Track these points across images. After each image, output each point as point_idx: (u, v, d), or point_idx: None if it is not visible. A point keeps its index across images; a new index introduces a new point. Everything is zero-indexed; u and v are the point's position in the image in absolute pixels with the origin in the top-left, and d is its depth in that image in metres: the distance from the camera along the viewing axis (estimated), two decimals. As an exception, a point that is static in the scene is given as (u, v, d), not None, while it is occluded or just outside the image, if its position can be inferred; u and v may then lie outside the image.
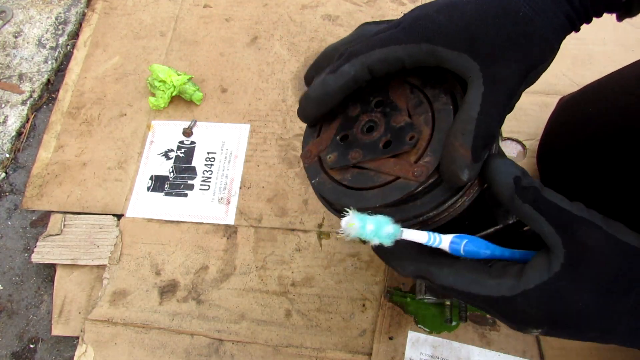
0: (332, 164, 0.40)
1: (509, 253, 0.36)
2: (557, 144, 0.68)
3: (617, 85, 0.59)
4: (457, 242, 0.35)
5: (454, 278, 0.34)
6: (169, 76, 0.91)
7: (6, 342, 0.81)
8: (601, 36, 0.89)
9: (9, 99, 1.00)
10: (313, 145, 0.42)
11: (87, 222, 0.87)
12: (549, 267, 0.31)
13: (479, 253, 0.35)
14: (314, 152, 0.42)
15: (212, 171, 0.88)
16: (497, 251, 0.35)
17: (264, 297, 0.77)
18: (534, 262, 0.33)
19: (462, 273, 0.34)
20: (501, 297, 0.32)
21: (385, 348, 0.71)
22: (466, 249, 0.35)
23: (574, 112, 0.65)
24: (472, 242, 0.35)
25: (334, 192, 0.40)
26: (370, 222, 0.33)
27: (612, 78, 0.62)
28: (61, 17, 1.08)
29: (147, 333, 0.77)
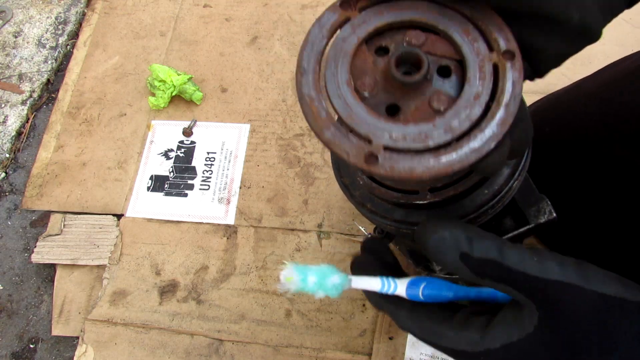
0: None
1: (474, 293, 0.32)
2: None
3: (571, 103, 0.60)
4: (415, 287, 0.31)
5: (412, 324, 0.31)
6: (169, 76, 0.91)
7: (6, 342, 0.82)
8: (601, 36, 0.89)
9: (9, 99, 1.00)
10: None
11: (87, 222, 0.87)
12: (521, 326, 0.28)
13: (440, 296, 0.31)
14: None
15: (212, 171, 0.88)
16: (461, 292, 0.32)
17: (264, 297, 0.77)
18: (502, 316, 0.29)
19: (421, 319, 0.31)
20: (462, 352, 0.29)
21: (385, 348, 0.71)
22: (425, 294, 0.31)
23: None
24: (432, 285, 0.31)
25: None
26: (312, 274, 0.30)
27: (566, 94, 0.62)
28: (61, 17, 1.08)
29: (147, 333, 0.77)
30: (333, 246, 0.79)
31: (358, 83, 0.30)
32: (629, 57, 0.56)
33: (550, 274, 0.27)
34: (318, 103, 0.30)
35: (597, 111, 0.54)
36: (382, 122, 0.29)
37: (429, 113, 0.29)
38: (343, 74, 0.30)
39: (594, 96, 0.56)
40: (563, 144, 0.58)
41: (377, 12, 0.31)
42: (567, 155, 0.57)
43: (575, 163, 0.56)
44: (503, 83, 0.29)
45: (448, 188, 0.38)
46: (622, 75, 0.53)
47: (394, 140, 0.28)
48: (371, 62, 0.31)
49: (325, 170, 0.84)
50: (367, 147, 0.29)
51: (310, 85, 0.30)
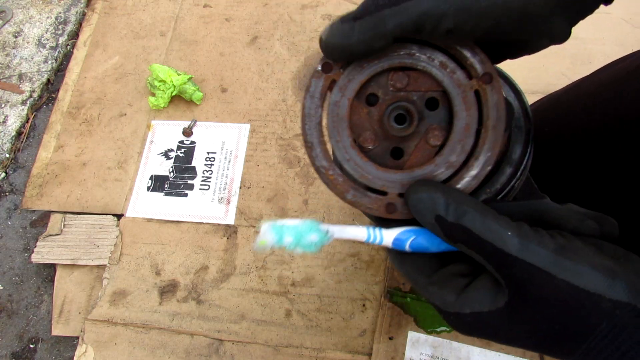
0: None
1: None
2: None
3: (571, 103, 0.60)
4: (402, 239, 0.31)
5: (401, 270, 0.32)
6: (169, 76, 0.91)
7: (6, 342, 0.81)
8: (600, 36, 0.89)
9: (9, 99, 1.00)
10: None
11: (87, 222, 0.87)
12: (493, 299, 0.28)
13: (428, 248, 0.31)
14: None
15: (212, 171, 0.88)
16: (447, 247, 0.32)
17: (264, 297, 0.77)
18: (480, 283, 0.29)
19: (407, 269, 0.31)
20: (436, 306, 0.30)
21: (385, 348, 0.71)
22: (413, 245, 0.31)
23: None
24: (423, 237, 0.31)
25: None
26: (289, 233, 0.30)
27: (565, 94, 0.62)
28: (61, 17, 1.08)
29: (147, 333, 0.77)
30: (333, 246, 0.79)
31: (360, 140, 0.33)
32: (628, 56, 0.56)
33: (523, 253, 0.26)
34: (333, 171, 0.34)
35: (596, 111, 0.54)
36: (391, 174, 0.33)
37: (428, 150, 0.33)
38: (345, 139, 0.33)
39: (594, 96, 0.56)
40: (563, 144, 0.58)
41: (359, 67, 0.32)
42: (567, 155, 0.57)
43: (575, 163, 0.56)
44: (487, 108, 0.31)
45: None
46: (622, 75, 0.53)
47: (405, 187, 0.32)
48: (366, 114, 0.33)
49: (325, 170, 0.84)
50: (385, 198, 0.33)
51: (321, 157, 0.34)
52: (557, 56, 0.89)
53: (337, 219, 0.80)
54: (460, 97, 0.32)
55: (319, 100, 0.33)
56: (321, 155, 0.34)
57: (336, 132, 0.33)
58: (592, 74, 0.61)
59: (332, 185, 0.34)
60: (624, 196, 0.51)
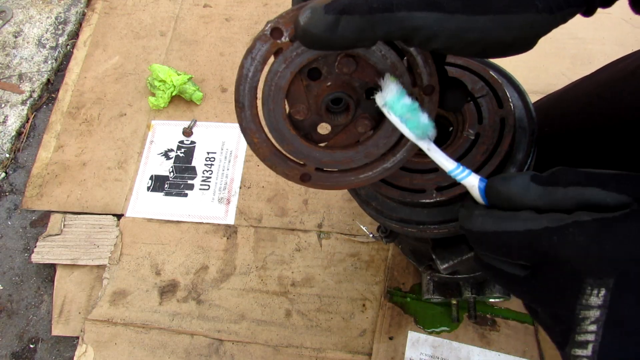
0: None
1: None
2: None
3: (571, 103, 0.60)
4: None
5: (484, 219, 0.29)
6: (169, 76, 0.91)
7: (6, 342, 0.81)
8: (600, 36, 0.89)
9: (9, 99, 1.00)
10: None
11: (87, 222, 0.87)
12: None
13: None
14: None
15: (212, 171, 0.88)
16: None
17: (264, 297, 0.77)
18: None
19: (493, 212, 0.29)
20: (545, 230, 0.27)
21: (385, 348, 0.71)
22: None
23: None
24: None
25: None
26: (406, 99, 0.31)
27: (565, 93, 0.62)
28: (61, 17, 1.08)
29: (147, 333, 0.77)
30: (333, 246, 0.79)
31: (292, 110, 0.34)
32: (628, 56, 0.56)
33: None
34: (259, 135, 0.34)
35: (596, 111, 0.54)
36: (314, 151, 0.35)
37: (354, 135, 0.35)
38: (279, 109, 0.33)
39: (594, 96, 0.56)
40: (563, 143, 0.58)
41: None
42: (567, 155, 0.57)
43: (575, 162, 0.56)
44: None
45: (454, 187, 0.39)
46: (622, 75, 0.53)
47: (324, 164, 0.35)
48: (304, 87, 0.34)
49: (325, 170, 0.85)
50: (302, 169, 0.35)
51: (249, 120, 0.34)
52: (557, 56, 0.89)
53: (337, 219, 0.80)
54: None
55: (260, 65, 0.32)
56: (250, 118, 0.34)
57: (271, 100, 0.33)
58: (592, 74, 0.61)
59: (255, 148, 0.35)
60: None
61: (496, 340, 0.70)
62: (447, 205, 0.41)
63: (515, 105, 0.42)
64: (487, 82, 0.41)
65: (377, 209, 0.45)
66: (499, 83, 0.41)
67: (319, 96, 0.34)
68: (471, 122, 0.41)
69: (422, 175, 0.41)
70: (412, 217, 0.43)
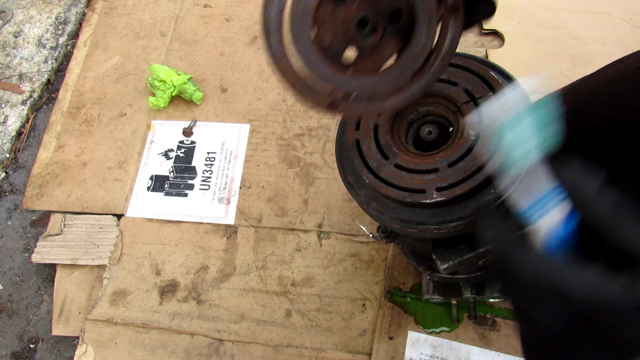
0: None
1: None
2: None
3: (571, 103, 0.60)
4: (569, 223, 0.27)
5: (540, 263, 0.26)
6: (169, 76, 0.91)
7: (6, 342, 0.82)
8: (600, 36, 0.89)
9: (9, 99, 1.00)
10: None
11: (87, 222, 0.87)
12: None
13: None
14: None
15: (212, 171, 0.88)
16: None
17: (264, 297, 0.77)
18: None
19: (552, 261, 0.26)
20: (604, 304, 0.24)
21: (385, 348, 0.71)
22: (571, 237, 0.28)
23: None
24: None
25: None
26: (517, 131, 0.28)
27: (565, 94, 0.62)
28: (61, 17, 1.08)
29: (147, 333, 0.77)
30: (333, 246, 0.79)
31: (319, 34, 0.34)
32: (628, 57, 0.56)
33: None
34: (286, 61, 0.34)
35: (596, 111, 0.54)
36: (342, 77, 0.34)
37: (380, 61, 0.35)
38: (306, 33, 0.33)
39: (594, 96, 0.56)
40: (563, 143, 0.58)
41: None
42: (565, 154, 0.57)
43: None
44: (444, 37, 0.33)
45: (454, 187, 0.39)
46: (622, 76, 0.53)
47: (352, 89, 0.34)
48: (330, 11, 0.33)
49: (325, 170, 0.84)
50: (329, 96, 0.35)
51: (277, 45, 0.34)
52: (557, 56, 0.89)
53: (337, 219, 0.80)
54: (425, 20, 0.33)
55: None
56: (277, 44, 0.34)
57: (298, 24, 0.33)
58: (592, 74, 0.61)
59: (283, 74, 0.34)
60: None
61: (496, 340, 0.70)
62: (448, 206, 0.41)
63: None
64: (487, 82, 0.41)
65: (378, 209, 0.45)
66: (499, 83, 0.41)
67: (345, 19, 0.34)
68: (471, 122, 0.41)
69: (422, 175, 0.41)
70: (412, 218, 0.43)
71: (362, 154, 0.43)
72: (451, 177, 0.39)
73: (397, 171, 0.41)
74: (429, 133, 0.42)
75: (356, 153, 0.43)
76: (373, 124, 0.43)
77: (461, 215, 0.40)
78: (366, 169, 0.42)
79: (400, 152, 0.42)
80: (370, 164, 0.42)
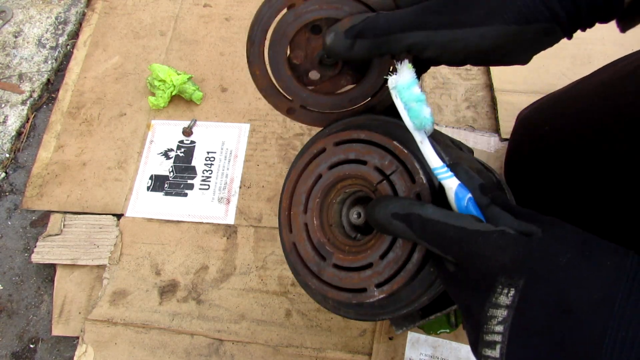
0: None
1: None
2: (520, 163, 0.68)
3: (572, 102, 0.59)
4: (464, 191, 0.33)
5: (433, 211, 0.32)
6: (168, 76, 0.91)
7: (6, 342, 0.82)
8: (600, 36, 0.89)
9: (9, 98, 1.00)
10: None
11: (87, 222, 0.87)
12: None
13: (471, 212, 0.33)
14: None
15: (212, 171, 0.88)
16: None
17: (264, 297, 0.77)
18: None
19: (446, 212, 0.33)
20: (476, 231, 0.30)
21: (385, 348, 0.71)
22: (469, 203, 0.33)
23: (532, 131, 0.66)
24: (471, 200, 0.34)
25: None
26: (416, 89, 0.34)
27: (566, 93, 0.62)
28: (61, 16, 1.08)
29: (147, 333, 0.77)
30: (333, 246, 0.79)
31: (292, 55, 0.41)
32: (628, 56, 0.56)
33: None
34: (261, 68, 0.42)
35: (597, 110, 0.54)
36: (304, 91, 0.43)
37: (338, 84, 0.43)
38: (281, 53, 0.41)
39: (594, 95, 0.56)
40: (563, 142, 0.58)
41: (318, 5, 0.39)
42: (567, 153, 0.57)
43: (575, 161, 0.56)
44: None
45: (391, 281, 0.38)
46: (622, 75, 0.53)
47: (309, 104, 0.44)
48: (306, 39, 0.41)
49: (325, 170, 0.84)
50: (289, 104, 0.44)
51: (256, 54, 0.42)
52: (557, 56, 0.89)
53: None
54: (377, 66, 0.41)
55: (274, 13, 0.39)
56: (256, 53, 0.41)
57: (277, 43, 0.40)
58: (592, 74, 0.61)
59: (255, 79, 0.43)
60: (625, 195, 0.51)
61: (496, 340, 0.70)
62: (394, 296, 0.39)
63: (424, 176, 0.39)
64: (393, 154, 0.39)
65: (334, 307, 0.45)
66: (406, 154, 0.38)
67: (316, 49, 0.41)
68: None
69: (359, 272, 0.39)
70: (366, 311, 0.42)
71: (301, 258, 0.42)
72: (386, 270, 0.37)
73: (336, 272, 0.40)
74: (358, 216, 0.41)
75: (297, 258, 0.42)
76: (303, 222, 0.42)
77: (409, 301, 0.39)
78: (310, 273, 0.41)
79: (334, 250, 0.41)
80: (311, 269, 0.41)
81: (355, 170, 0.40)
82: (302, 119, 0.45)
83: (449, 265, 0.33)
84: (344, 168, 0.40)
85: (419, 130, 0.35)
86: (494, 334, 0.28)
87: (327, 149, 0.41)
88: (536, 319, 0.27)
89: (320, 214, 0.42)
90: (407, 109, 0.34)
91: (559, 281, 0.27)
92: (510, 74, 0.88)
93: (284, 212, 0.43)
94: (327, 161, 0.41)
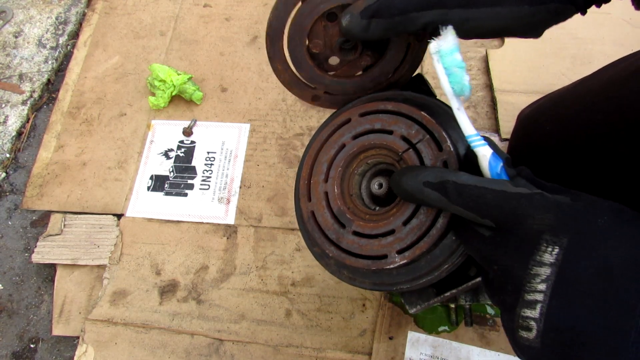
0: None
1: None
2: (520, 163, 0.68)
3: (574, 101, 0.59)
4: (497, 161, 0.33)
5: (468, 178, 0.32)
6: (168, 76, 0.91)
7: (6, 342, 0.82)
8: (600, 36, 0.89)
9: (9, 99, 1.00)
10: None
11: (87, 222, 0.87)
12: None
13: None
14: None
15: (212, 171, 0.88)
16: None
17: (264, 297, 0.77)
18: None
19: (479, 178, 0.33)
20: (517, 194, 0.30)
21: (385, 348, 0.71)
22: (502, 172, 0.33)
23: (532, 130, 0.66)
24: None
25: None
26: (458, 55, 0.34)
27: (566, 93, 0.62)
28: (61, 17, 1.08)
29: (147, 333, 0.77)
30: (333, 246, 0.79)
31: (311, 44, 0.42)
32: (628, 56, 0.56)
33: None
34: (282, 63, 0.43)
35: (599, 109, 0.54)
36: (326, 78, 0.44)
37: (357, 67, 0.44)
38: (301, 45, 0.42)
39: (597, 94, 0.56)
40: (564, 142, 0.58)
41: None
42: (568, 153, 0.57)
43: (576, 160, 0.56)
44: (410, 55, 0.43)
45: (414, 247, 0.38)
46: (624, 75, 0.53)
47: (332, 89, 0.44)
48: (322, 27, 0.42)
49: (325, 170, 0.85)
50: (313, 91, 0.45)
51: (277, 50, 0.43)
52: (557, 56, 0.89)
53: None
54: (396, 44, 0.42)
55: (290, 7, 0.41)
56: (277, 49, 0.43)
57: (296, 36, 0.41)
58: (592, 74, 0.61)
59: (277, 73, 0.44)
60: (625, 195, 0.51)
61: (496, 340, 0.70)
62: (414, 263, 0.39)
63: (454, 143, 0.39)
64: (420, 124, 0.39)
65: (350, 277, 0.45)
66: (433, 123, 0.38)
67: (333, 35, 0.42)
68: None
69: (381, 239, 0.39)
70: (383, 280, 0.42)
71: (320, 227, 0.42)
72: (409, 236, 0.38)
73: (356, 239, 0.40)
74: (379, 187, 0.41)
75: (314, 226, 0.42)
76: (323, 191, 0.42)
77: (430, 269, 0.39)
78: (327, 241, 0.41)
79: (355, 218, 0.41)
80: (330, 236, 0.41)
81: (380, 140, 0.40)
82: (328, 105, 0.46)
83: (484, 230, 0.33)
84: (369, 137, 0.41)
85: (457, 97, 0.35)
86: (536, 293, 0.29)
87: (352, 120, 0.42)
88: (578, 278, 0.28)
89: (341, 183, 0.42)
90: (448, 74, 0.34)
91: (599, 241, 0.28)
92: (510, 74, 0.88)
93: (304, 181, 0.43)
94: (351, 131, 0.41)
